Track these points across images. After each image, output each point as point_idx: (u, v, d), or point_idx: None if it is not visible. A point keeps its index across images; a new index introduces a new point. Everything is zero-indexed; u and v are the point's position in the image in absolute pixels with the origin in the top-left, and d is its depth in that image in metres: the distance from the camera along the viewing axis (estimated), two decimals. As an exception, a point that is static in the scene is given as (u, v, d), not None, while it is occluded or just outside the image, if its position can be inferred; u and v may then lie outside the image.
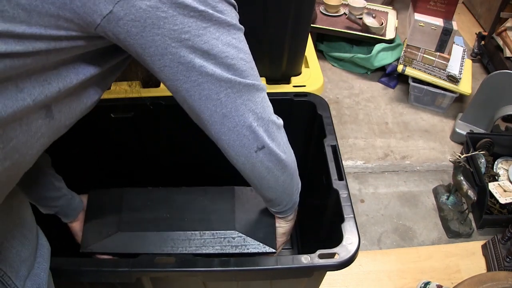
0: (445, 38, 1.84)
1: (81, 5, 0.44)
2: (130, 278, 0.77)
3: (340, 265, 0.75)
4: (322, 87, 1.35)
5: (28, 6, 0.42)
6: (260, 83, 0.62)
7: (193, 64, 0.53)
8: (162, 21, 0.48)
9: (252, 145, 0.64)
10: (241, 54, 0.57)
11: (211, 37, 0.52)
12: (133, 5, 0.46)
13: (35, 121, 0.51)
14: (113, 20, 0.47)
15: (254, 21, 1.18)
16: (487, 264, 1.41)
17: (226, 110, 0.59)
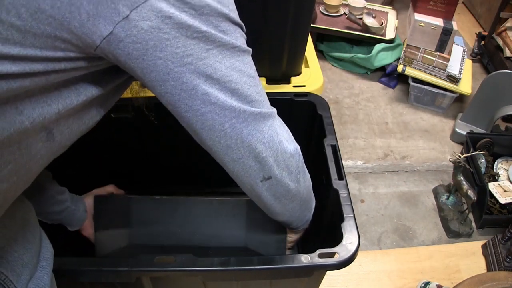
0: (445, 38, 1.84)
1: (80, 25, 0.43)
2: (130, 277, 0.77)
3: (340, 264, 0.75)
4: (322, 87, 1.35)
5: (22, 27, 0.41)
6: (267, 109, 0.59)
7: (196, 91, 0.51)
8: (164, 43, 0.46)
9: (258, 175, 0.62)
10: (245, 78, 0.55)
11: (214, 60, 0.50)
12: (134, 26, 0.44)
13: (34, 143, 0.50)
14: (114, 42, 0.45)
15: (254, 21, 1.18)
16: (487, 264, 1.41)
17: (231, 142, 0.57)
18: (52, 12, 0.41)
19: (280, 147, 0.61)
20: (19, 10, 0.40)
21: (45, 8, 0.40)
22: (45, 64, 0.44)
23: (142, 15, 0.44)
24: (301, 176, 0.68)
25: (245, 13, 1.15)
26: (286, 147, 0.63)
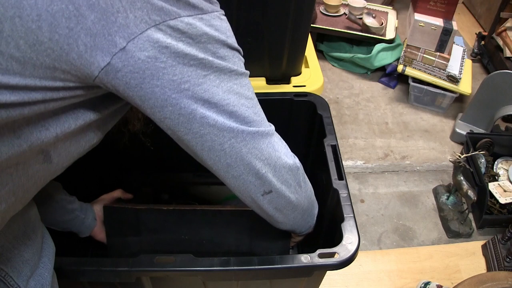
0: (445, 38, 1.84)
1: (78, 57, 0.43)
2: (130, 277, 0.77)
3: (340, 264, 0.75)
4: (322, 87, 1.35)
5: (22, 58, 0.41)
6: (265, 128, 0.60)
7: (194, 115, 0.52)
8: (161, 72, 0.47)
9: (258, 190, 0.63)
10: (242, 100, 0.55)
11: (211, 85, 0.51)
12: (131, 56, 0.45)
13: (32, 165, 0.51)
14: (111, 72, 0.46)
15: (254, 21, 1.18)
16: (487, 264, 1.41)
17: (231, 160, 0.58)
18: (51, 44, 0.42)
19: (279, 162, 0.63)
20: (18, 42, 0.40)
21: (44, 40, 0.41)
22: (44, 93, 0.45)
23: (138, 46, 0.44)
24: (301, 187, 0.70)
25: (245, 13, 1.15)
26: (285, 162, 0.64)
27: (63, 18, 0.41)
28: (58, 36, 0.41)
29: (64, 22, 0.41)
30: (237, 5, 1.13)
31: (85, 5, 0.41)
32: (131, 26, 0.44)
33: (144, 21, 0.44)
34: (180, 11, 0.46)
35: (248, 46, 1.24)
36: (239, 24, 1.18)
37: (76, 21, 0.41)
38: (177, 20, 0.46)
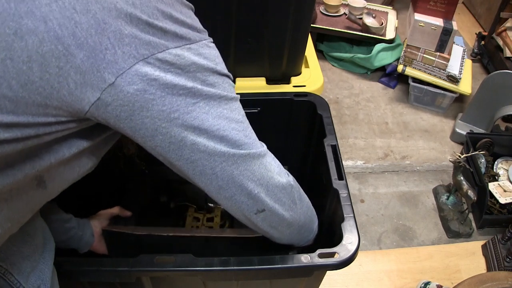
0: (445, 38, 1.84)
1: (68, 94, 0.44)
2: (130, 277, 0.77)
3: (340, 264, 0.75)
4: (322, 87, 1.35)
5: (14, 97, 0.42)
6: (256, 149, 0.60)
7: (184, 142, 0.53)
8: (150, 103, 0.48)
9: (251, 209, 0.64)
10: (233, 124, 0.56)
11: (201, 112, 0.52)
12: (120, 91, 0.46)
13: (27, 191, 0.52)
14: (102, 107, 0.46)
15: (254, 21, 1.18)
16: (487, 264, 1.41)
17: (223, 183, 0.59)
18: (42, 83, 0.43)
19: (271, 182, 0.63)
20: (10, 83, 0.41)
21: (35, 79, 0.42)
22: (37, 128, 0.46)
23: (127, 80, 0.45)
24: (296, 204, 0.69)
25: (245, 13, 1.15)
26: (278, 181, 0.64)
27: (53, 58, 0.42)
28: (49, 75, 0.42)
29: (54, 62, 0.42)
30: (237, 5, 1.13)
31: (74, 44, 0.42)
32: (120, 62, 0.44)
33: (132, 56, 0.45)
34: (168, 43, 0.47)
35: (248, 46, 1.24)
36: (239, 24, 1.18)
37: (66, 60, 0.42)
38: (165, 52, 0.47)
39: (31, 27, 0.40)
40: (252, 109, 1.13)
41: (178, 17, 0.49)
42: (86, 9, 0.42)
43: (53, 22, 0.41)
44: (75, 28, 0.42)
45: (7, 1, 0.39)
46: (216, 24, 1.17)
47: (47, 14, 0.41)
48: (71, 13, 0.41)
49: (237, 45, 1.24)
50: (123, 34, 0.44)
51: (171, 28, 0.48)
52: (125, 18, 0.44)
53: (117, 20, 0.43)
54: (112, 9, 0.43)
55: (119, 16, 0.43)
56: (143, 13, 0.45)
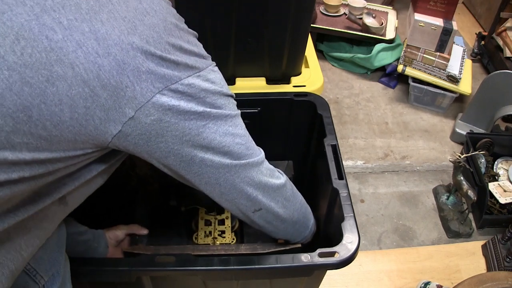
0: (445, 38, 1.84)
1: (94, 129, 0.49)
2: (130, 277, 0.77)
3: (340, 263, 0.75)
4: (322, 87, 1.35)
5: (48, 136, 0.47)
6: (255, 157, 0.66)
7: (193, 160, 0.59)
8: (165, 130, 0.53)
9: (249, 209, 0.71)
10: (237, 139, 0.62)
11: (209, 132, 0.57)
12: (139, 122, 0.51)
13: (51, 211, 0.58)
14: (122, 137, 0.51)
15: (254, 21, 1.19)
16: (487, 264, 1.41)
17: (225, 190, 0.65)
18: (72, 122, 0.47)
19: (267, 185, 0.70)
20: (44, 124, 0.46)
21: (65, 119, 0.47)
22: (66, 161, 0.51)
23: (145, 113, 0.50)
24: (290, 201, 0.76)
25: (245, 13, 1.15)
26: (273, 183, 0.71)
27: (80, 99, 0.46)
28: (77, 114, 0.47)
29: (82, 103, 0.47)
30: (237, 5, 1.13)
31: (99, 86, 0.46)
32: (138, 97, 0.49)
33: (149, 90, 0.49)
34: (180, 74, 0.52)
35: (248, 46, 1.24)
36: (239, 24, 1.18)
37: (92, 101, 0.47)
38: (177, 83, 0.51)
39: (61, 74, 0.45)
40: (252, 109, 1.13)
41: (186, 48, 0.53)
42: (107, 53, 0.46)
43: (80, 67, 0.45)
44: (99, 71, 0.46)
45: (39, 51, 0.43)
46: (216, 24, 1.17)
47: (73, 61, 0.45)
48: (94, 57, 0.45)
49: (237, 45, 1.24)
50: (140, 71, 0.48)
51: (181, 59, 0.52)
52: (142, 56, 0.48)
53: (135, 59, 0.48)
54: (129, 50, 0.47)
55: (136, 55, 0.48)
56: (156, 49, 0.49)
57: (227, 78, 1.33)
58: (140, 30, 0.48)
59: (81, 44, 0.45)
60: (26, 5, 0.43)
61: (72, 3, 0.45)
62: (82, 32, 0.45)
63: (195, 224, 1.24)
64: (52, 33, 0.43)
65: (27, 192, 0.50)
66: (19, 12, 0.42)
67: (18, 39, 0.42)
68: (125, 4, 0.48)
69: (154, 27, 0.50)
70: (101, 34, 0.46)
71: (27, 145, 0.46)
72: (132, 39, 0.47)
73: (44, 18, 0.43)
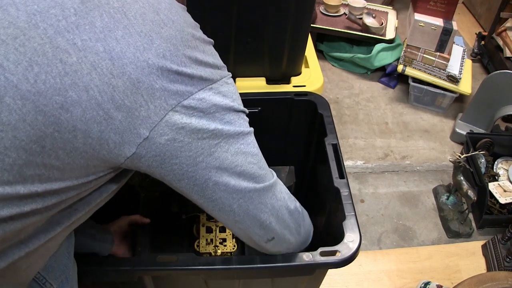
0: (445, 38, 1.84)
1: (108, 153, 0.48)
2: (132, 277, 0.77)
3: (342, 262, 0.75)
4: (322, 87, 1.35)
5: (61, 166, 0.46)
6: (269, 181, 0.64)
7: (207, 184, 0.57)
8: (179, 151, 0.52)
9: (262, 239, 0.68)
10: (249, 158, 0.59)
11: (221, 151, 0.55)
12: (153, 143, 0.49)
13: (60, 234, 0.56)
14: (136, 159, 0.50)
15: (254, 21, 1.19)
16: (487, 264, 1.41)
17: (238, 217, 0.63)
18: (85, 148, 0.46)
19: (281, 211, 0.67)
20: (57, 153, 0.45)
21: (79, 146, 0.45)
22: (79, 188, 0.50)
23: (159, 132, 0.49)
24: (300, 227, 0.74)
25: (245, 13, 1.15)
26: (286, 208, 0.68)
27: (95, 124, 0.45)
28: (91, 140, 0.46)
29: (96, 127, 0.45)
30: (237, 5, 1.13)
31: (113, 107, 0.45)
32: (152, 116, 0.47)
33: (162, 108, 0.48)
34: (193, 88, 0.50)
35: (248, 46, 1.25)
36: (239, 24, 1.18)
37: (106, 124, 0.45)
38: (189, 98, 0.50)
39: (75, 99, 0.43)
40: (252, 109, 1.13)
41: (202, 59, 0.51)
42: (122, 72, 0.44)
43: (94, 90, 0.43)
44: (113, 92, 0.44)
45: (53, 76, 0.41)
46: (216, 24, 1.17)
47: (88, 84, 0.43)
48: (108, 78, 0.44)
49: (237, 45, 1.24)
50: (154, 89, 0.46)
51: (196, 72, 0.50)
52: (156, 73, 0.46)
53: (149, 76, 0.46)
54: (144, 67, 0.45)
55: (151, 72, 0.46)
56: (173, 63, 0.47)
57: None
58: (157, 44, 0.46)
59: (95, 66, 0.43)
60: (39, 27, 0.41)
61: (87, 21, 0.43)
62: (96, 52, 0.43)
63: (196, 231, 1.24)
64: (66, 56, 0.42)
65: (39, 222, 0.49)
66: (32, 35, 0.41)
67: (31, 65, 0.41)
68: (141, 18, 0.46)
69: (171, 39, 0.48)
70: (116, 53, 0.44)
71: (39, 177, 0.45)
72: (148, 55, 0.46)
73: (58, 41, 0.42)
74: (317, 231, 0.89)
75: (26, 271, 0.54)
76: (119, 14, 0.45)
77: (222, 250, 1.19)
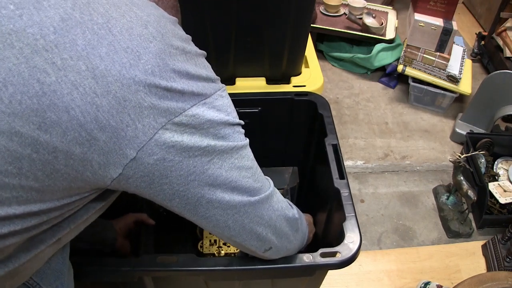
0: (445, 38, 1.84)
1: (92, 174, 0.46)
2: (133, 277, 0.77)
3: (342, 263, 0.75)
4: (322, 87, 1.35)
5: (41, 187, 0.44)
6: (265, 192, 0.62)
7: (200, 202, 0.55)
8: (169, 170, 0.49)
9: (260, 249, 0.67)
10: (243, 172, 0.57)
11: (214, 168, 0.53)
12: (141, 163, 0.47)
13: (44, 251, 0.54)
14: (123, 180, 0.48)
15: (254, 21, 1.19)
16: (487, 264, 1.41)
17: (234, 233, 0.61)
18: (67, 170, 0.44)
19: (278, 221, 0.65)
20: (36, 174, 0.43)
21: (60, 168, 0.44)
22: (62, 209, 0.48)
23: (148, 152, 0.46)
24: (298, 232, 0.73)
25: (245, 13, 1.15)
26: (284, 216, 0.67)
27: (77, 145, 0.43)
28: (73, 161, 0.44)
29: (78, 149, 0.43)
30: (237, 5, 1.13)
31: (97, 128, 0.43)
32: (140, 136, 0.45)
33: (151, 127, 0.45)
34: (185, 104, 0.47)
35: (248, 46, 1.24)
36: (239, 24, 1.18)
37: (89, 145, 0.43)
38: (181, 115, 0.47)
39: (54, 119, 0.41)
40: (252, 109, 1.13)
41: (194, 73, 0.49)
42: (106, 91, 0.42)
43: (76, 111, 0.41)
44: (97, 112, 0.42)
45: (29, 97, 0.40)
46: (216, 24, 1.17)
47: (69, 104, 0.41)
48: (92, 98, 0.42)
49: (237, 45, 1.24)
50: (142, 107, 0.44)
51: (188, 87, 0.48)
52: (144, 90, 0.44)
53: (137, 94, 0.44)
54: (131, 84, 0.43)
55: (138, 89, 0.44)
56: (162, 79, 0.45)
57: (227, 78, 1.34)
58: (145, 60, 0.44)
59: (77, 85, 0.41)
60: (14, 47, 0.40)
61: (67, 40, 0.41)
62: (78, 71, 0.41)
63: (199, 232, 1.24)
64: (44, 75, 0.40)
65: (20, 242, 0.48)
66: (6, 55, 0.39)
67: (5, 85, 0.39)
68: (128, 33, 0.44)
69: (160, 53, 0.45)
70: (100, 71, 0.42)
71: (17, 199, 0.43)
72: (135, 72, 0.43)
73: (35, 60, 0.40)
74: (318, 232, 0.89)
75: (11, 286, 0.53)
76: (103, 30, 0.43)
77: (226, 251, 1.19)
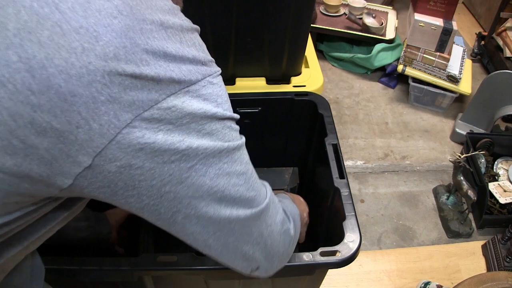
0: (445, 38, 1.84)
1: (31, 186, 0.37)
2: (132, 277, 0.77)
3: (342, 262, 0.75)
4: (322, 87, 1.35)
5: None
6: (259, 206, 0.50)
7: (174, 219, 0.45)
8: (137, 180, 0.40)
9: (247, 270, 0.56)
10: (233, 179, 0.46)
11: (196, 176, 0.43)
12: (100, 172, 0.38)
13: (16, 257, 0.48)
14: (76, 189, 0.39)
15: (254, 21, 1.19)
16: (487, 264, 1.41)
17: (216, 252, 0.51)
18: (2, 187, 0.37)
19: (270, 238, 0.54)
20: None
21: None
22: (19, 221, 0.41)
23: (107, 158, 0.37)
24: (289, 247, 0.62)
25: (245, 13, 1.15)
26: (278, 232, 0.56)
27: (6, 156, 0.35)
28: (3, 174, 0.36)
29: (9, 160, 0.35)
30: (237, 5, 1.13)
31: (34, 133, 0.34)
32: (96, 139, 0.36)
33: (112, 126, 0.36)
34: (159, 95, 0.38)
35: (248, 46, 1.25)
36: (239, 24, 1.18)
37: (24, 155, 0.35)
38: (152, 108, 0.37)
39: None
40: (252, 109, 1.13)
41: (175, 53, 0.39)
42: (46, 86, 0.33)
43: (3, 114, 0.33)
44: (33, 113, 0.34)
45: None
46: (216, 24, 1.17)
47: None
48: (25, 96, 0.33)
49: (237, 45, 1.24)
50: (98, 102, 0.35)
51: (165, 72, 0.38)
52: (102, 80, 0.35)
53: (90, 87, 0.34)
54: (82, 75, 0.34)
55: (92, 80, 0.34)
56: (128, 64, 0.35)
57: (227, 78, 1.34)
58: (105, 41, 0.34)
59: (5, 82, 0.32)
60: None
61: None
62: (7, 63, 0.32)
63: None
64: None
65: None
66: None
67: None
68: (82, 8, 0.34)
69: (127, 31, 0.35)
70: (37, 61, 0.33)
71: None
72: (89, 59, 0.34)
73: None
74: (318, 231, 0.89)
75: None
76: (46, 7, 0.33)
77: None
